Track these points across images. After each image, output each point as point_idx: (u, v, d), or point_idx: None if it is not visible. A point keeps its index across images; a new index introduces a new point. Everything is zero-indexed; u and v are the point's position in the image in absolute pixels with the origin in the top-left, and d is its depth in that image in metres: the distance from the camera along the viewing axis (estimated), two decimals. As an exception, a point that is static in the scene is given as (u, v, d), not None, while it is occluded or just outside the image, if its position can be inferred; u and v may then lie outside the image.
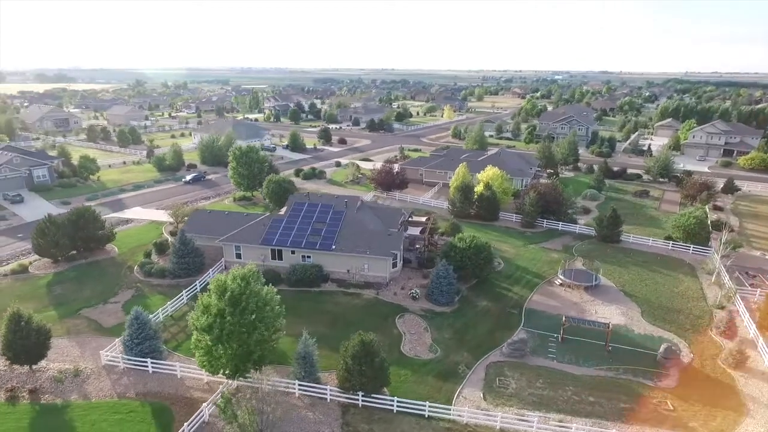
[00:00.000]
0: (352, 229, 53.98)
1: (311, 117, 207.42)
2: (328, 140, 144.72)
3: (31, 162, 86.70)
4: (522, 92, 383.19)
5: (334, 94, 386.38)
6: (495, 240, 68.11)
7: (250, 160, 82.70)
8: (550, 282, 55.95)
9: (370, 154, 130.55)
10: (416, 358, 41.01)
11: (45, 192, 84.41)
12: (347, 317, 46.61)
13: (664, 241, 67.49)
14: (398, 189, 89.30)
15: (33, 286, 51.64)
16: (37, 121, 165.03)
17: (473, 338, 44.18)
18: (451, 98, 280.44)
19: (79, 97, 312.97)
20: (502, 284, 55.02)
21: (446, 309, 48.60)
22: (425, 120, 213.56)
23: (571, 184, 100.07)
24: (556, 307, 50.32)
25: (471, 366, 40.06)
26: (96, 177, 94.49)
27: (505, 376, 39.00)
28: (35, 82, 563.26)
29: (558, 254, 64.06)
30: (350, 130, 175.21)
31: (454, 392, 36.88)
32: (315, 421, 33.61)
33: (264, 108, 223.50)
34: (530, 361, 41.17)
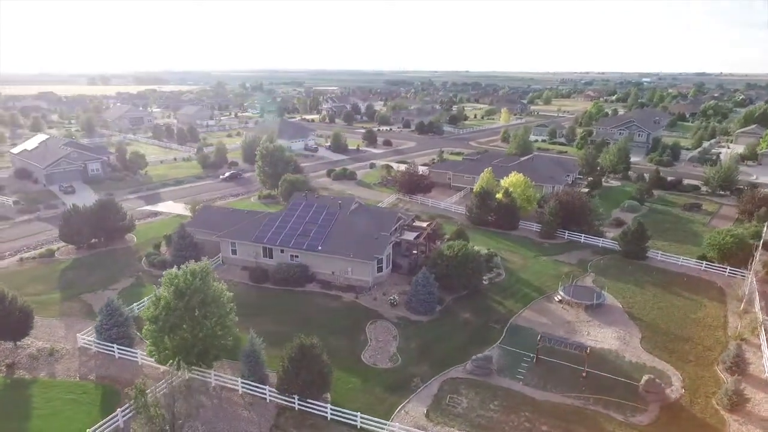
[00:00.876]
0: (341, 231, 53.81)
1: (365, 119, 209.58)
2: (372, 142, 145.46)
3: (86, 156, 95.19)
4: (596, 95, 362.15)
5: (399, 95, 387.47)
6: (505, 249, 65.08)
7: (274, 159, 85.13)
8: (549, 297, 52.33)
9: (410, 157, 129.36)
10: (373, 367, 39.98)
11: (96, 184, 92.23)
12: (319, 319, 46.45)
13: (697, 261, 60.72)
14: (422, 192, 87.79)
15: (51, 269, 56.53)
16: (117, 119, 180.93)
17: (441, 351, 42.28)
18: (512, 101, 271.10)
19: (163, 98, 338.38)
20: (495, 296, 52.24)
21: (423, 318, 46.97)
22: (481, 123, 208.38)
23: (613, 194, 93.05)
24: (545, 325, 46.92)
25: (426, 380, 38.39)
26: (144, 171, 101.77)
27: (459, 394, 36.93)
28: (133, 84, 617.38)
29: (570, 268, 59.81)
30: (399, 132, 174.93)
31: (398, 406, 35.49)
32: (247, 420, 33.82)
33: (322, 109, 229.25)
34: (494, 380, 38.69)
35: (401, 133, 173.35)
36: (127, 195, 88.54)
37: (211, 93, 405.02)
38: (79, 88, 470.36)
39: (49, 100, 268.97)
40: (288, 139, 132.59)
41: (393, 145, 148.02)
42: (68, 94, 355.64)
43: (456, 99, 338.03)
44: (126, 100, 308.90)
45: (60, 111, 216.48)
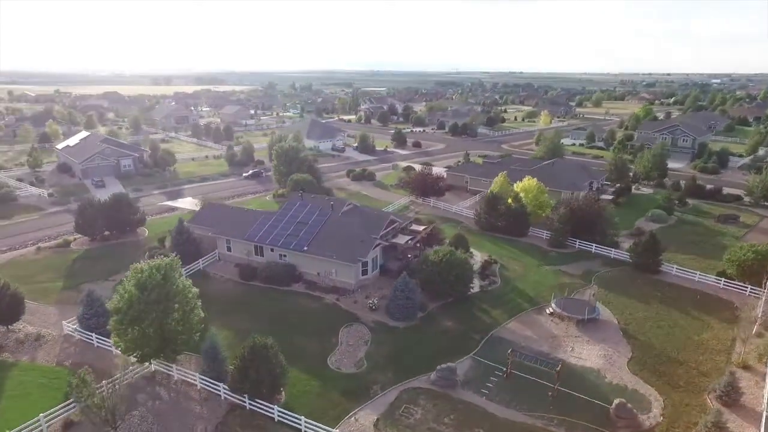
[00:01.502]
0: (330, 232, 53.72)
1: (401, 120, 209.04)
2: (401, 143, 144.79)
3: (119, 153, 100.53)
4: (651, 98, 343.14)
5: (442, 97, 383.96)
6: (508, 257, 62.78)
7: (289, 158, 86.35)
8: (541, 309, 49.90)
9: (437, 159, 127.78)
10: (336, 371, 39.54)
11: (126, 179, 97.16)
12: (296, 319, 46.56)
13: (717, 278, 56.00)
14: (436, 195, 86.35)
15: (63, 259, 59.93)
16: (163, 117, 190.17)
17: (411, 359, 41.19)
18: (556, 103, 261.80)
19: (215, 98, 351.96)
20: (483, 305, 50.41)
21: (401, 324, 45.99)
22: (520, 126, 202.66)
23: (641, 202, 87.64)
24: (528, 339, 44.79)
25: (387, 388, 37.51)
26: (172, 168, 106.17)
27: (416, 404, 35.81)
28: (192, 84, 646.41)
29: (572, 279, 56.86)
30: (432, 134, 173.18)
31: (350, 412, 34.87)
32: (197, 415, 34.32)
33: (360, 110, 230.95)
34: (457, 393, 37.26)
35: (434, 135, 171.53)
36: (152, 190, 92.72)
37: (260, 93, 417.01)
38: (143, 88, 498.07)
39: (111, 100, 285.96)
40: (316, 139, 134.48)
41: (422, 146, 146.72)
42: (131, 94, 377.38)
43: (501, 101, 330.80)
44: (180, 100, 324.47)
45: (116, 110, 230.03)
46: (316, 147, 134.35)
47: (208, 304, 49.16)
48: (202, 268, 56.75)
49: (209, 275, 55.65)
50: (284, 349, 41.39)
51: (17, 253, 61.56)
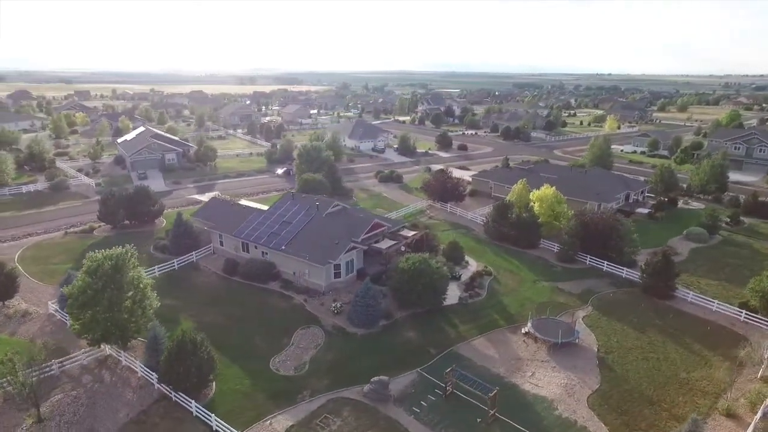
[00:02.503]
0: (310, 232, 53.74)
1: (456, 121, 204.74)
2: (445, 145, 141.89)
3: (165, 148, 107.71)
4: (750, 102, 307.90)
5: (513, 99, 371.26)
6: (507, 269, 59.38)
7: (310, 158, 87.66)
8: (517, 328, 46.51)
9: (477, 163, 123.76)
10: (275, 372, 39.42)
11: (168, 173, 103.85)
12: (260, 316, 47.08)
13: (738, 309, 49.00)
14: (455, 200, 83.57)
15: (81, 243, 65.07)
16: (228, 115, 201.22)
17: (355, 368, 40.06)
18: (630, 107, 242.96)
19: (287, 98, 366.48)
20: (455, 319, 47.92)
21: (359, 331, 44.93)
22: (583, 130, 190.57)
23: (686, 217, 78.83)
24: (486, 358, 41.94)
25: (317, 395, 36.77)
26: (213, 164, 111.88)
27: (338, 415, 34.74)
28: (274, 84, 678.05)
29: (567, 299, 52.49)
30: (484, 137, 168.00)
31: (267, 416, 34.55)
32: (126, 402, 35.68)
33: (417, 111, 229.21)
34: (387, 408, 35.68)
35: (485, 138, 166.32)
36: (188, 183, 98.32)
37: (331, 93, 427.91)
38: (228, 88, 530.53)
39: (193, 98, 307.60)
40: (357, 140, 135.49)
41: (468, 149, 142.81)
42: (214, 93, 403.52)
43: (575, 104, 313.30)
44: (254, 99, 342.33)
45: (192, 107, 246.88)
46: (356, 147, 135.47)
47: (188, 295, 51.79)
48: (195, 260, 59.15)
49: (199, 267, 57.91)
50: (238, 345, 42.74)
51: (47, 236, 67.89)
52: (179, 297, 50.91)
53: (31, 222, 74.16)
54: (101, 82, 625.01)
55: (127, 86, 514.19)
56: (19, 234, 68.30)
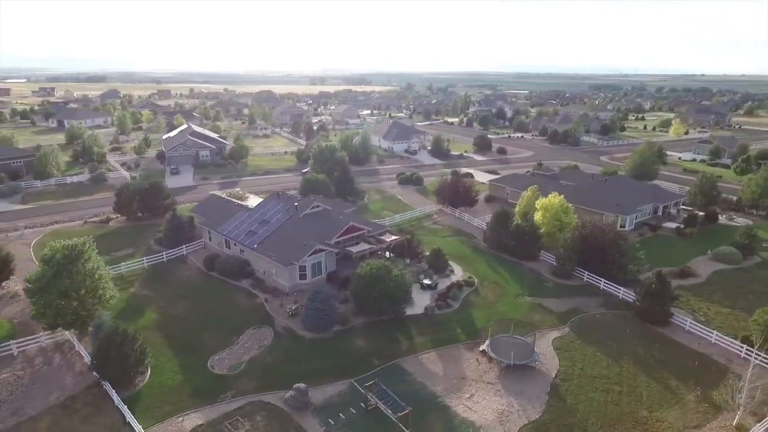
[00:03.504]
0: (284, 232, 53.81)
1: (507, 124, 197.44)
2: (483, 148, 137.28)
3: (199, 145, 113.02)
4: None
5: (582, 101, 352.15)
6: (494, 280, 56.33)
7: (324, 158, 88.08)
8: (475, 345, 43.64)
9: (511, 167, 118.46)
10: (209, 369, 39.68)
11: (200, 169, 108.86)
12: (215, 312, 47.80)
13: (739, 344, 42.80)
14: (465, 205, 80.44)
15: (94, 232, 69.06)
16: (279, 114, 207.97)
17: (289, 372, 39.28)
18: (706, 111, 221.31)
19: (346, 98, 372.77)
20: (415, 330, 45.82)
21: (309, 334, 44.28)
22: (643, 135, 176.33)
23: (723, 235, 70.23)
24: (428, 374, 39.71)
25: (238, 396, 36.57)
26: (245, 161, 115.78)
27: (250, 419, 34.27)
28: (342, 84, 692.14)
29: (545, 317, 48.63)
30: (530, 140, 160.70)
31: (181, 413, 34.79)
32: (61, 386, 37.29)
33: (468, 112, 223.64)
34: (303, 417, 34.74)
35: (530, 142, 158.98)
36: (215, 179, 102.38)
37: (393, 94, 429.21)
38: (297, 88, 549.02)
39: (257, 98, 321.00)
40: (391, 140, 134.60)
41: (506, 153, 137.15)
42: (282, 93, 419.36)
43: (648, 107, 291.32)
44: (316, 99, 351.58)
45: (250, 107, 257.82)
46: (390, 148, 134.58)
47: (164, 287, 53.70)
48: (185, 253, 61.31)
49: (186, 261, 59.92)
50: (188, 339, 43.68)
51: (69, 224, 73.38)
52: (155, 288, 52.95)
53: (63, 210, 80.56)
54: (188, 82, 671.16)
55: (204, 86, 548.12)
56: (47, 221, 74.40)
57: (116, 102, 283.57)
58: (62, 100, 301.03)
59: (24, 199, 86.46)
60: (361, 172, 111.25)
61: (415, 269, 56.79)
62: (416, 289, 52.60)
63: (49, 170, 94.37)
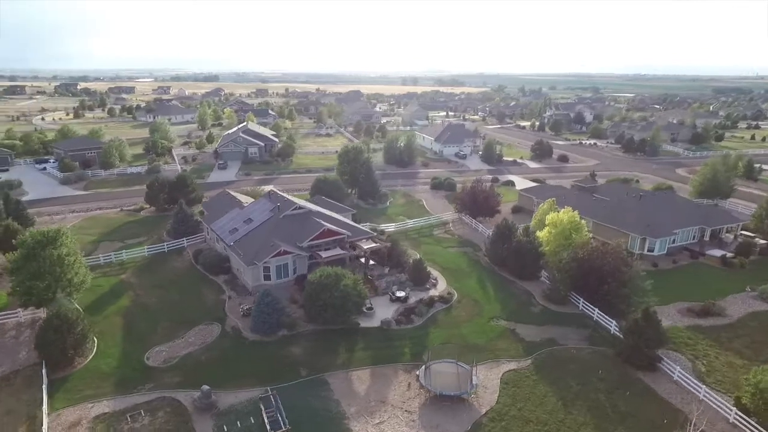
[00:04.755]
0: (261, 232, 54.12)
1: (584, 129, 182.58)
2: (542, 155, 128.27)
3: (249, 142, 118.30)
4: None
5: (689, 105, 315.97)
6: (476, 298, 52.57)
7: (348, 158, 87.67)
8: (414, 368, 40.45)
9: (565, 176, 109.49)
10: (143, 361, 40.86)
11: (247, 165, 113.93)
12: (180, 305, 49.43)
13: (729, 405, 35.15)
14: (486, 215, 75.57)
15: (122, 220, 75.41)
16: (351, 114, 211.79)
17: (214, 372, 39.30)
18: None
19: (430, 99, 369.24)
20: (361, 344, 43.69)
21: (253, 336, 44.07)
22: (746, 146, 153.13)
23: (783, 270, 58.64)
24: (350, 394, 37.52)
25: (155, 390, 37.27)
26: (290, 159, 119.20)
27: (152, 414, 34.72)
28: (434, 85, 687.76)
29: (509, 346, 43.98)
30: (602, 148, 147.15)
31: (96, 399, 36.12)
32: (13, 360, 40.31)
33: (544, 116, 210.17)
34: (201, 418, 34.43)
35: (602, 150, 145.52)
36: (258, 175, 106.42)
37: (477, 96, 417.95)
38: (387, 88, 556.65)
39: (342, 98, 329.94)
40: (442, 144, 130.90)
41: (567, 161, 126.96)
42: (369, 92, 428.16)
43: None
44: (398, 99, 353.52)
45: (329, 105, 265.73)
46: (440, 151, 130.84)
47: (150, 276, 56.74)
48: (185, 245, 64.31)
49: (182, 252, 62.76)
50: (142, 329, 45.66)
51: (108, 211, 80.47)
52: (142, 276, 56.06)
53: (112, 198, 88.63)
54: (291, 82, 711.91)
55: (301, 85, 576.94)
56: (93, 207, 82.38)
57: (214, 100, 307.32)
58: (173, 97, 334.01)
59: (87, 186, 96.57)
60: (400, 175, 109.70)
61: (394, 279, 54.40)
62: (386, 301, 50.44)
63: (111, 161, 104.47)
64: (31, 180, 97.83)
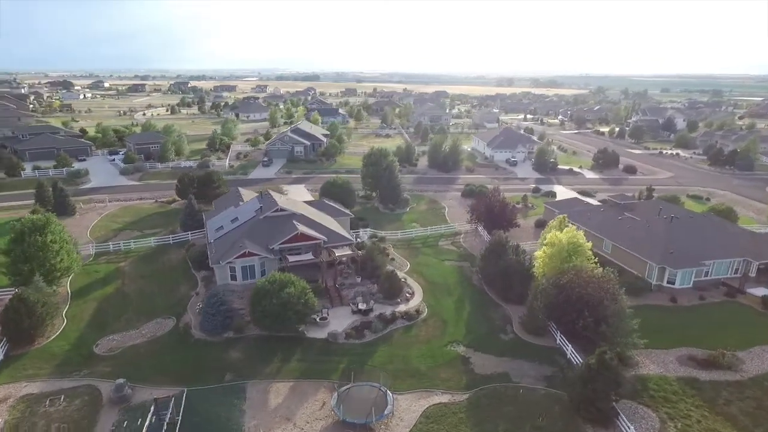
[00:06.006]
0: (239, 231, 54.70)
1: (672, 138, 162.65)
2: (607, 165, 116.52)
3: (295, 141, 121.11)
4: None
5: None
6: (443, 319, 48.83)
7: (372, 161, 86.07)
8: (338, 387, 38.25)
9: (627, 189, 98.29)
10: (92, 347, 42.86)
11: (291, 163, 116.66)
12: (153, 296, 51.58)
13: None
14: (501, 227, 69.94)
15: (151, 211, 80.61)
16: (418, 115, 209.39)
17: (145, 366, 40.27)
18: None
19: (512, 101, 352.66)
20: (298, 355, 42.24)
21: (199, 335, 44.61)
22: None
23: None
24: (260, 406, 36.38)
25: (85, 378, 38.94)
26: (334, 159, 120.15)
27: (70, 400, 36.28)
28: (530, 86, 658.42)
29: (454, 376, 40.07)
30: (684, 159, 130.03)
31: (35, 378, 38.48)
32: (-9, 333, 44.92)
33: (628, 121, 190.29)
34: (109, 410, 35.41)
35: (685, 161, 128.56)
36: (297, 174, 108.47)
37: (570, 99, 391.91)
38: (480, 89, 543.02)
39: (421, 99, 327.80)
40: (494, 149, 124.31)
41: (636, 173, 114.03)
42: (456, 92, 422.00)
43: None
44: (481, 100, 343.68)
45: (406, 106, 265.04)
46: (490, 157, 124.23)
47: (144, 265, 60.12)
48: (190, 239, 67.14)
49: (184, 245, 65.54)
50: (109, 317, 48.16)
51: (144, 202, 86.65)
52: (139, 266, 59.29)
53: (158, 189, 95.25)
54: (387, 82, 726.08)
55: (389, 85, 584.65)
56: (134, 197, 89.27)
57: (301, 98, 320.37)
58: (267, 95, 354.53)
59: (142, 177, 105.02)
60: (438, 180, 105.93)
61: (365, 290, 52.19)
62: (348, 312, 48.54)
63: (167, 155, 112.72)
64: (99, 169, 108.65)
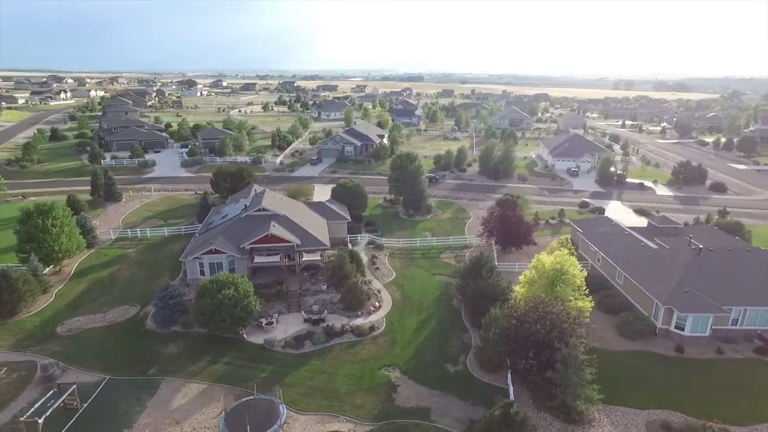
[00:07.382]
0: (219, 228, 55.63)
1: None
2: (688, 180, 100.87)
3: (345, 141, 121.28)
4: None
5: None
6: (392, 340, 45.49)
7: (398, 165, 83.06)
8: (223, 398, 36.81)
9: (685, 210, 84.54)
10: (54, 326, 45.86)
11: (340, 162, 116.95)
12: (134, 282, 54.74)
13: None
14: (516, 244, 63.77)
15: (185, 202, 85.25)
16: (499, 118, 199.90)
17: (89, 349, 42.36)
18: None
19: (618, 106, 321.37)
20: (229, 356, 41.69)
21: (150, 325, 46.06)
22: None
23: None
24: (163, 403, 36.30)
25: (35, 354, 41.85)
26: (382, 161, 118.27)
27: (10, 372, 39.15)
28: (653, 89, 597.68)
29: (371, 404, 36.77)
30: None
31: None
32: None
33: (744, 130, 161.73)
34: (32, 389, 37.51)
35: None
36: (341, 173, 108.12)
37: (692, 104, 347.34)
38: (593, 92, 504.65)
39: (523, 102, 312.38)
40: (556, 156, 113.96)
41: (725, 192, 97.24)
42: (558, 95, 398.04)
43: None
44: (583, 104, 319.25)
45: (491, 108, 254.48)
46: (551, 165, 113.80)
47: (145, 255, 63.94)
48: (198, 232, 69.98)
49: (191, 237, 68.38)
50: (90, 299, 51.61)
51: (184, 193, 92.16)
52: (144, 254, 62.88)
53: (204, 182, 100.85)
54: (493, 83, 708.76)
55: (489, 86, 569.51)
56: (181, 188, 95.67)
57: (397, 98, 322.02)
58: (365, 95, 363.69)
59: (199, 170, 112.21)
60: (481, 187, 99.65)
61: (328, 298, 50.19)
62: (299, 320, 46.97)
63: (224, 150, 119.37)
64: (167, 160, 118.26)
